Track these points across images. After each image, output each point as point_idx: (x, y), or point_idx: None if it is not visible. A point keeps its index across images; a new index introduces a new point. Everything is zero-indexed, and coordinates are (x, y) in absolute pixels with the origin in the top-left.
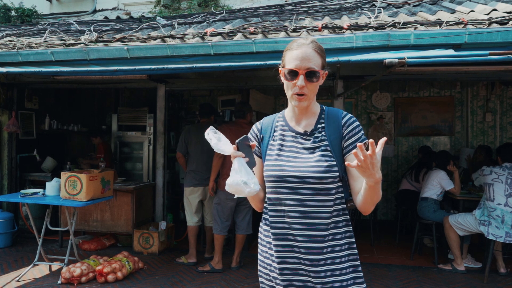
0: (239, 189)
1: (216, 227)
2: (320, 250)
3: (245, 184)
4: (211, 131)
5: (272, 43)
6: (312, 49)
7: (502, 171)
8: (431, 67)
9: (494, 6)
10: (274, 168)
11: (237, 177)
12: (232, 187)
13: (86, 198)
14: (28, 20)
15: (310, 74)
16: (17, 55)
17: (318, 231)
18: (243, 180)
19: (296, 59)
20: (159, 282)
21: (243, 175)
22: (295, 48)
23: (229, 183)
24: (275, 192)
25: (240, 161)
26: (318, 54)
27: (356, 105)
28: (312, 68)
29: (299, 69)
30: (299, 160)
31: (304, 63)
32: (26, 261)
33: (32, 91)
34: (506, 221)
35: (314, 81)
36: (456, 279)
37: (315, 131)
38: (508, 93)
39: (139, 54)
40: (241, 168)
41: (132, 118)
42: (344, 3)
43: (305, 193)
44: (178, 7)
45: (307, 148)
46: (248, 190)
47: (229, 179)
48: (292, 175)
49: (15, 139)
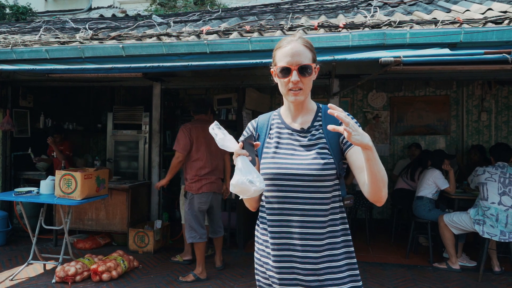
0: (245, 188)
1: (195, 234)
2: (318, 247)
3: (250, 182)
4: (215, 126)
5: (268, 42)
6: (301, 44)
7: (495, 170)
8: (426, 66)
9: (490, 6)
10: (271, 166)
11: (242, 176)
12: (237, 187)
13: (80, 197)
14: (23, 18)
15: (303, 69)
16: (12, 52)
17: (316, 229)
18: (248, 179)
19: (287, 56)
20: (154, 281)
21: (248, 174)
22: (284, 45)
23: (233, 183)
24: (272, 190)
25: (244, 159)
26: (308, 48)
27: (352, 104)
28: (303, 63)
29: (291, 65)
30: (296, 157)
31: (295, 59)
32: (20, 260)
33: (27, 89)
34: (500, 220)
35: (307, 75)
36: (451, 278)
37: (312, 128)
38: (503, 93)
39: (135, 52)
40: (246, 166)
41: (128, 116)
42: (340, 2)
43: (302, 190)
44: (174, 5)
45: (304, 145)
46: (254, 189)
47: (233, 179)
48: (289, 173)
49: (9, 137)
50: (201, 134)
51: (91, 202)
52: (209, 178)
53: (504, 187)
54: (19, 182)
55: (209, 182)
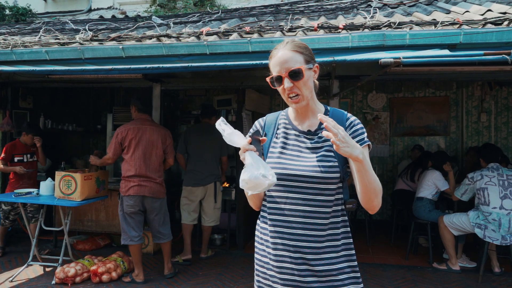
0: (258, 183)
1: (125, 237)
2: (317, 250)
3: (264, 177)
4: (222, 121)
5: (268, 43)
6: (288, 50)
7: (492, 173)
8: (426, 67)
9: (489, 7)
10: (276, 166)
11: (254, 171)
12: (250, 182)
13: (80, 198)
14: (23, 19)
15: (293, 74)
16: (11, 53)
17: (316, 231)
18: (261, 173)
19: (276, 65)
20: (154, 282)
21: (260, 168)
22: (275, 54)
23: (245, 179)
24: (276, 190)
25: (253, 154)
26: (296, 52)
27: (352, 105)
28: (292, 67)
29: (281, 73)
30: (302, 159)
31: (284, 66)
32: (20, 261)
33: (27, 90)
34: (503, 225)
35: (300, 79)
36: (451, 279)
37: (318, 131)
38: (502, 94)
39: (134, 53)
40: (256, 161)
41: (128, 117)
42: (340, 3)
43: (306, 192)
44: (174, 7)
45: (310, 147)
46: (268, 183)
47: (244, 175)
48: (294, 174)
49: (9, 138)
50: (132, 136)
51: (91, 203)
52: (137, 180)
53: (505, 190)
54: None
55: (137, 185)
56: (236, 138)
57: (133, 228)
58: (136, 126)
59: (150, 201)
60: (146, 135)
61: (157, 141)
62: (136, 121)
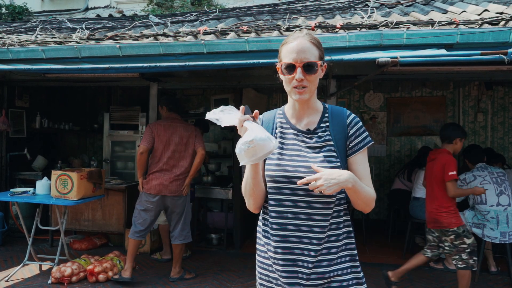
0: (265, 144)
1: (132, 230)
2: (319, 251)
3: (269, 139)
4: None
5: (265, 42)
6: (307, 40)
7: (483, 173)
8: (423, 67)
9: (486, 7)
10: (276, 168)
11: (259, 133)
12: (254, 143)
13: (77, 197)
14: (19, 18)
15: (308, 66)
16: (7, 52)
17: (315, 233)
18: (267, 135)
19: (292, 52)
20: (151, 281)
21: (265, 132)
22: (291, 41)
23: (248, 140)
24: (277, 192)
25: (252, 122)
26: (315, 45)
27: (349, 104)
28: (309, 60)
29: (296, 62)
30: (302, 159)
31: (300, 55)
32: (16, 260)
33: (23, 89)
34: (501, 221)
35: (312, 73)
36: (447, 278)
37: (318, 129)
38: (499, 94)
39: (131, 52)
40: (257, 126)
41: (125, 117)
42: (337, 3)
43: (308, 194)
44: (171, 6)
45: (311, 147)
46: (273, 145)
47: (248, 137)
48: (295, 176)
49: (5, 137)
50: (163, 132)
51: (88, 203)
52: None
53: (500, 186)
54: (15, 183)
55: (159, 184)
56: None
57: (141, 224)
58: (167, 123)
59: (170, 199)
60: (177, 132)
61: (188, 138)
62: (166, 119)
